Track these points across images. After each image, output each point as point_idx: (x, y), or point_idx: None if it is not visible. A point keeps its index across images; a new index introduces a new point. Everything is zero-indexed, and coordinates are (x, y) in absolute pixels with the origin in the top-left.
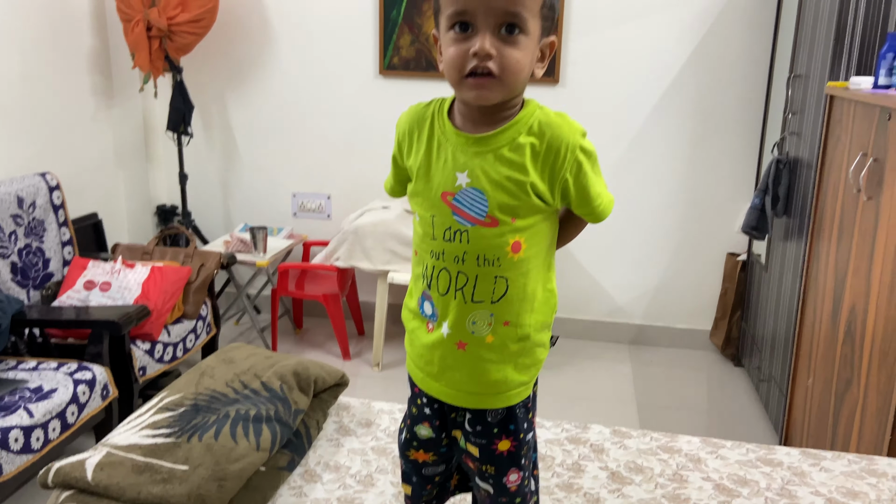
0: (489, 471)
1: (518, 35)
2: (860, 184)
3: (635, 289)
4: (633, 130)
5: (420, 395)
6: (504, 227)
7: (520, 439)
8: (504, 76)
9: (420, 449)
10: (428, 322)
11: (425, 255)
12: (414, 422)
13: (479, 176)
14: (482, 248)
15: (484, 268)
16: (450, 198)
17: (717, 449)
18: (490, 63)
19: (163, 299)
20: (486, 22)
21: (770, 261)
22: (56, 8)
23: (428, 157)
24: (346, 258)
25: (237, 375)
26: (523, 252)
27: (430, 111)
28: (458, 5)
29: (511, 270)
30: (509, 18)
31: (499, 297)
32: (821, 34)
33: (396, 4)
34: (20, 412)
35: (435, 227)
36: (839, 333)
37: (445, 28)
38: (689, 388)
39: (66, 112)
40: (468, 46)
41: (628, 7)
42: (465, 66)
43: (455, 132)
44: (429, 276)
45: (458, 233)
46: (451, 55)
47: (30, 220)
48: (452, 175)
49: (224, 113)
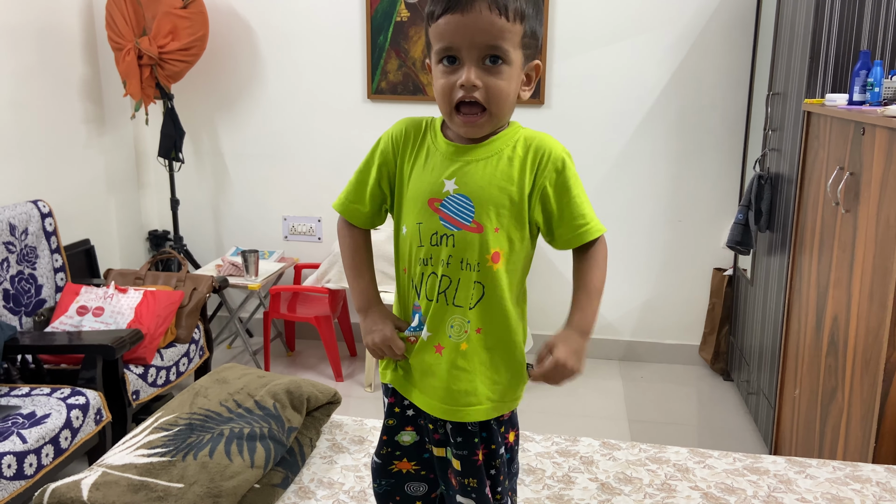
0: (471, 484)
1: (501, 65)
2: (838, 197)
3: (624, 305)
4: (618, 150)
5: (397, 403)
6: (488, 233)
7: (493, 451)
8: (490, 105)
9: (403, 457)
10: (414, 333)
11: (414, 266)
12: (393, 433)
13: (466, 182)
14: (465, 252)
15: (465, 272)
16: (437, 204)
17: (704, 459)
18: (476, 93)
19: (156, 323)
20: (470, 55)
21: (755, 275)
22: (48, 37)
23: (418, 165)
24: (338, 280)
25: (231, 395)
26: (501, 264)
27: (424, 123)
28: (444, 41)
29: (488, 279)
30: (491, 51)
31: (475, 302)
32: (797, 53)
33: (383, 30)
34: (13, 438)
35: (422, 234)
36: (823, 344)
37: (435, 61)
38: (679, 403)
39: (58, 139)
40: (455, 78)
41: (611, 30)
42: (453, 97)
43: (445, 142)
44: (417, 284)
45: (445, 237)
46: (440, 86)
47: (22, 247)
48: (440, 182)
49: (215, 138)
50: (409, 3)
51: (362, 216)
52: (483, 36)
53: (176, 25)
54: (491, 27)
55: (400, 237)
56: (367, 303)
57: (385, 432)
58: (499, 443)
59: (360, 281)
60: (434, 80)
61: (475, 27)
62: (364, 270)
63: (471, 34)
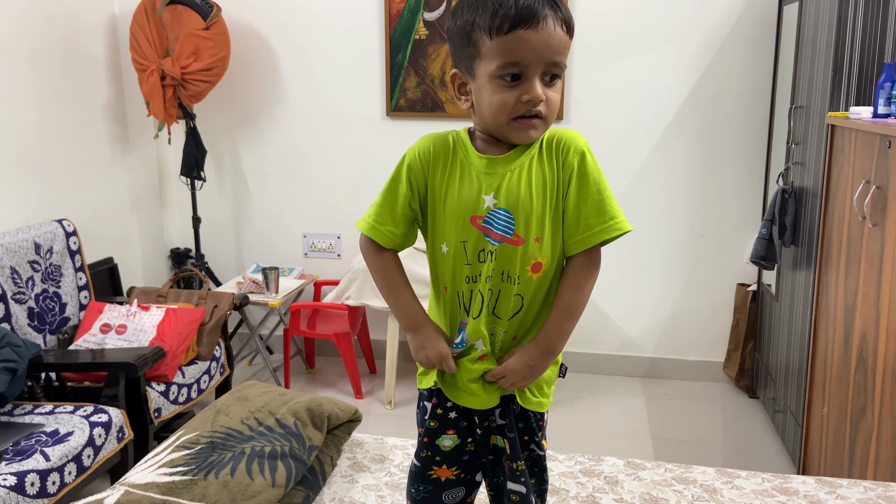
0: (519, 467)
1: (557, 81)
2: (865, 211)
3: (646, 322)
4: (638, 165)
5: (440, 405)
6: (528, 244)
7: (536, 443)
8: (549, 116)
9: (443, 464)
10: (459, 349)
11: (459, 284)
12: (434, 436)
13: (505, 196)
14: (507, 265)
15: (506, 284)
16: (479, 221)
17: (732, 479)
18: (540, 107)
19: (177, 341)
20: (535, 71)
21: (780, 290)
22: (73, 59)
23: (454, 182)
24: (357, 297)
25: (252, 413)
26: (542, 272)
27: (451, 138)
28: (511, 57)
29: (527, 290)
30: (554, 68)
31: (513, 313)
32: (819, 66)
33: (402, 48)
34: (36, 456)
35: (468, 252)
36: (851, 361)
37: (490, 76)
38: (704, 422)
39: (82, 159)
40: (518, 93)
41: (629, 44)
42: (515, 111)
43: (478, 156)
44: (466, 302)
45: (489, 253)
46: (500, 101)
47: (47, 266)
48: (479, 198)
49: (236, 157)
50: (428, 21)
51: (392, 238)
52: (551, 52)
53: (198, 46)
54: (559, 43)
55: (438, 255)
56: (415, 320)
57: (426, 434)
58: (533, 439)
59: (401, 300)
60: (486, 94)
61: (546, 44)
62: (402, 289)
63: (540, 50)
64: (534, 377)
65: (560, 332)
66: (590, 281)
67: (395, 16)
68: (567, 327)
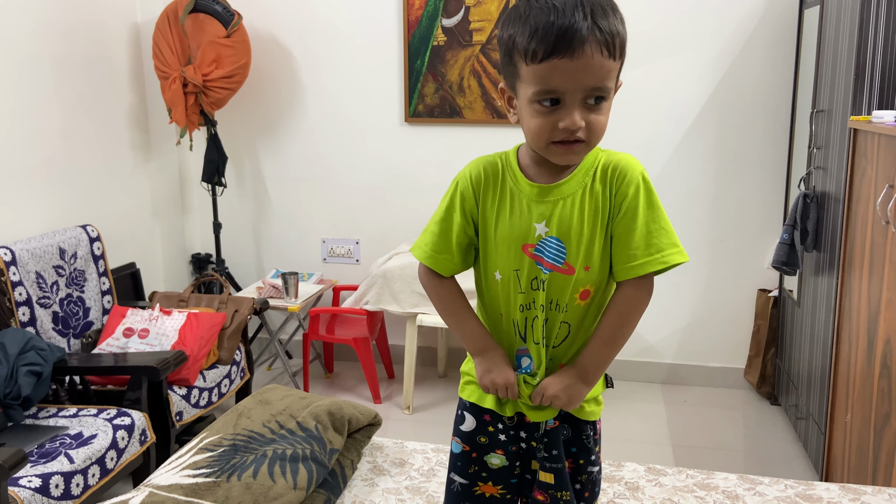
0: (564, 497)
1: (602, 103)
2: (888, 215)
3: (666, 327)
4: (658, 169)
5: (492, 422)
6: (578, 273)
7: (581, 466)
8: (590, 139)
9: (489, 481)
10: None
11: (513, 312)
12: (483, 452)
13: (557, 225)
14: (557, 294)
15: (554, 312)
16: (531, 249)
17: (754, 485)
18: (580, 133)
19: (199, 345)
20: (574, 98)
21: (802, 296)
22: (97, 67)
23: (504, 209)
24: (376, 302)
25: (273, 416)
26: (590, 299)
27: (500, 164)
28: (547, 84)
29: (575, 317)
30: (596, 93)
31: (561, 340)
32: (841, 70)
33: (420, 54)
34: (61, 458)
35: (521, 280)
36: (875, 367)
37: (529, 99)
38: (725, 428)
39: (106, 166)
40: (556, 119)
41: (648, 50)
42: (552, 137)
43: (528, 183)
44: (522, 330)
45: (541, 281)
46: (537, 126)
47: (71, 271)
48: (531, 226)
49: (256, 163)
50: (446, 27)
51: (451, 265)
52: (591, 80)
53: (220, 54)
54: (600, 70)
55: (492, 282)
56: (482, 344)
57: (475, 450)
58: (591, 461)
59: (467, 326)
60: (527, 117)
61: (584, 72)
62: (466, 314)
63: (578, 79)
64: (573, 401)
65: (598, 359)
66: (636, 310)
67: (413, 22)
68: (606, 354)
